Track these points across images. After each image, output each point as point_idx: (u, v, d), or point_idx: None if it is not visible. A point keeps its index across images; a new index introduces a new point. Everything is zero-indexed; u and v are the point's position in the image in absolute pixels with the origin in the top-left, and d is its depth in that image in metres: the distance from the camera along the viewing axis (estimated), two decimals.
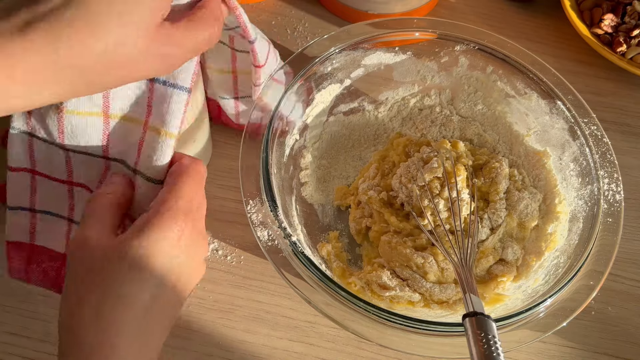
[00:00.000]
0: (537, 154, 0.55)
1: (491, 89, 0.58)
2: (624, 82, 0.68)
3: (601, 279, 0.45)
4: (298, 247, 0.44)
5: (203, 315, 0.50)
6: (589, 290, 0.45)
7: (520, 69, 0.55)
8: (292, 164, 0.54)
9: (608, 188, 0.50)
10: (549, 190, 0.53)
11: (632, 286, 0.55)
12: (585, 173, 0.51)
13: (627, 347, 0.51)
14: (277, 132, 0.50)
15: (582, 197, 0.50)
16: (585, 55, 0.70)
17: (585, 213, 0.49)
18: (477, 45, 0.56)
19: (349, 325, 0.42)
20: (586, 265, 0.45)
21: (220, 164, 0.58)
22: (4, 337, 0.48)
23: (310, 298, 0.43)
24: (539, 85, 0.54)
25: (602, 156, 0.51)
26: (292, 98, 0.52)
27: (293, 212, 0.52)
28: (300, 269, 0.43)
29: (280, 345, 0.50)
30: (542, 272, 0.48)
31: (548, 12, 0.74)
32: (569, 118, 0.53)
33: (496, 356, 0.36)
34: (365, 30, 0.55)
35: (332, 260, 0.50)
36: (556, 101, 0.53)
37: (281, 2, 0.71)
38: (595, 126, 0.53)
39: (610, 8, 0.69)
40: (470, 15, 0.73)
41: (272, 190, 0.46)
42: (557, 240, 0.50)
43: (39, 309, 0.49)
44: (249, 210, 0.46)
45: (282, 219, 0.45)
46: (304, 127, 0.55)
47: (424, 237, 0.50)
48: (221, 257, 0.53)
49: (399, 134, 0.59)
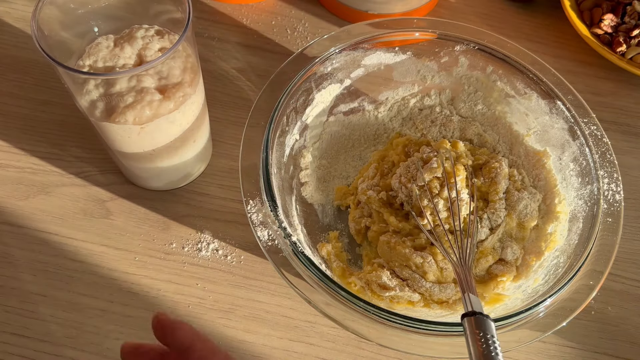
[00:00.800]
0: (537, 154, 0.55)
1: (491, 89, 0.58)
2: (624, 82, 0.68)
3: (601, 278, 0.45)
4: (298, 247, 0.44)
5: (203, 315, 0.50)
6: (588, 290, 0.45)
7: (520, 69, 0.55)
8: (292, 164, 0.54)
9: (608, 188, 0.50)
10: (548, 190, 0.53)
11: (631, 286, 0.55)
12: (585, 173, 0.51)
13: (627, 347, 0.51)
14: (277, 132, 0.50)
15: (582, 197, 0.50)
16: (585, 55, 0.70)
17: (585, 213, 0.49)
18: (477, 45, 0.56)
19: (349, 325, 0.42)
20: (586, 265, 0.45)
21: (220, 164, 0.58)
22: (4, 337, 0.48)
23: (310, 298, 0.43)
24: (539, 85, 0.54)
25: (601, 156, 0.51)
26: (292, 98, 0.52)
27: (293, 212, 0.52)
28: (300, 269, 0.43)
29: (280, 345, 0.50)
30: (542, 272, 0.48)
31: (548, 12, 0.74)
32: (569, 118, 0.53)
33: (494, 356, 0.36)
34: (365, 30, 0.55)
35: (332, 260, 0.50)
36: (556, 101, 0.53)
37: (281, 2, 0.71)
38: (595, 126, 0.53)
39: (610, 8, 0.69)
40: (470, 15, 0.73)
41: (272, 190, 0.46)
42: (557, 240, 0.50)
43: (39, 309, 0.49)
44: (249, 210, 0.46)
45: (282, 219, 0.45)
46: (304, 127, 0.55)
47: (423, 236, 0.50)
48: (221, 257, 0.53)
49: (399, 134, 0.59)
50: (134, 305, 0.50)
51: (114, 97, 0.43)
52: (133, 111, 0.43)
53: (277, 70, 0.52)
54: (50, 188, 0.55)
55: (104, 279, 0.51)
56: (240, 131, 0.50)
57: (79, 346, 0.48)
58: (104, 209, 0.54)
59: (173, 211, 0.55)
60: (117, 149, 0.49)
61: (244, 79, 0.64)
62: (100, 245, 0.53)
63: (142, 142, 0.47)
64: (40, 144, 0.58)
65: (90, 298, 0.50)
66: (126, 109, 0.43)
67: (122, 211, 0.54)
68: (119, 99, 0.44)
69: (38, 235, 0.53)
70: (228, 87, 0.63)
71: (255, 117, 0.50)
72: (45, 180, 0.55)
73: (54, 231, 0.53)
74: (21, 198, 0.54)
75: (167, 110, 0.45)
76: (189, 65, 0.46)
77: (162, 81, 0.45)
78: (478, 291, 0.48)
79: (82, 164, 0.57)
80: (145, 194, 0.55)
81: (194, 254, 0.53)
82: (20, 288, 0.50)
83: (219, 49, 0.66)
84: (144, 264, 0.52)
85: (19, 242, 0.52)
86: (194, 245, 0.53)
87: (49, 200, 0.54)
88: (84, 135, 0.58)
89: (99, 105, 0.44)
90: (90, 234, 0.53)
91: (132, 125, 0.44)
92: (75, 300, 0.50)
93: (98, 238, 0.53)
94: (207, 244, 0.53)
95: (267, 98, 0.51)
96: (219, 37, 0.67)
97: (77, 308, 0.50)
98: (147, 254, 0.52)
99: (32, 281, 0.50)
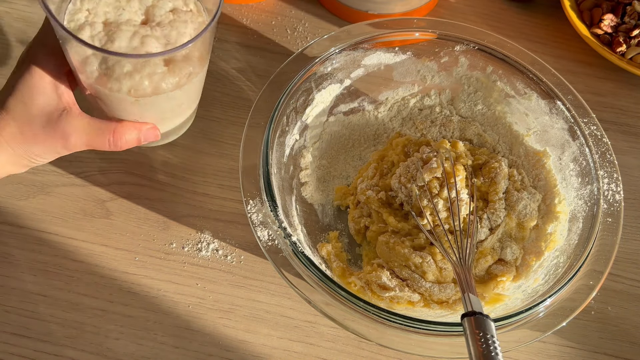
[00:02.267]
0: (537, 154, 0.55)
1: (491, 89, 0.58)
2: (624, 82, 0.68)
3: (601, 278, 0.45)
4: (298, 247, 0.44)
5: (203, 315, 0.50)
6: (588, 290, 0.45)
7: (520, 69, 0.55)
8: (292, 164, 0.54)
9: (608, 188, 0.50)
10: (548, 190, 0.53)
11: (631, 286, 0.55)
12: (585, 173, 0.51)
13: (627, 347, 0.51)
14: (277, 132, 0.50)
15: (581, 197, 0.50)
16: (585, 55, 0.70)
17: (585, 213, 0.49)
18: (477, 45, 0.56)
19: (349, 325, 0.42)
20: (586, 265, 0.45)
21: (220, 164, 0.58)
22: (4, 337, 0.48)
23: (310, 298, 0.43)
24: (539, 85, 0.54)
25: (601, 156, 0.51)
26: (292, 98, 0.52)
27: (293, 212, 0.52)
28: (300, 269, 0.43)
29: (280, 345, 0.50)
30: (542, 271, 0.48)
31: (548, 12, 0.74)
32: (569, 118, 0.53)
33: (494, 355, 0.36)
34: (365, 30, 0.55)
35: (332, 260, 0.50)
36: (556, 101, 0.53)
37: (281, 2, 0.71)
38: (595, 126, 0.53)
39: (610, 8, 0.69)
40: (470, 16, 0.73)
41: (272, 190, 0.46)
42: (557, 240, 0.50)
43: (38, 309, 0.49)
44: (249, 210, 0.46)
45: (282, 219, 0.45)
46: (304, 127, 0.55)
47: (422, 236, 0.50)
48: (221, 257, 0.53)
49: (399, 134, 0.59)
50: (134, 305, 0.50)
51: (111, 58, 0.38)
52: (130, 81, 0.38)
53: (277, 71, 0.52)
54: (50, 188, 0.55)
55: (104, 279, 0.51)
56: (240, 131, 0.50)
57: (79, 346, 0.48)
58: (104, 209, 0.54)
59: (173, 211, 0.55)
60: (98, 105, 0.44)
61: (244, 79, 0.64)
62: (100, 245, 0.53)
63: (132, 110, 0.42)
64: None
65: (90, 298, 0.50)
66: (123, 77, 0.38)
67: (122, 211, 0.54)
68: (116, 62, 0.38)
69: (38, 235, 0.53)
70: (228, 87, 0.63)
71: (255, 117, 0.50)
72: (45, 180, 0.55)
73: (54, 231, 0.53)
74: (21, 198, 0.54)
75: (169, 87, 0.40)
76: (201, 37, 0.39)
77: (167, 47, 0.39)
78: (478, 291, 0.48)
79: (82, 163, 0.57)
80: (145, 193, 0.55)
81: (194, 254, 0.53)
82: (20, 288, 0.50)
83: (219, 49, 0.66)
84: (143, 264, 0.52)
85: (19, 242, 0.52)
86: (194, 245, 0.53)
87: (49, 200, 0.54)
88: None
89: (92, 62, 0.39)
90: (90, 234, 0.53)
91: (126, 95, 0.39)
92: (75, 300, 0.50)
93: (98, 238, 0.53)
94: (207, 244, 0.53)
95: (267, 98, 0.51)
96: (219, 37, 0.67)
97: (77, 308, 0.50)
98: (147, 254, 0.53)
99: (32, 281, 0.50)
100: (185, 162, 0.58)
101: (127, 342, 0.48)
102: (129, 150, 0.58)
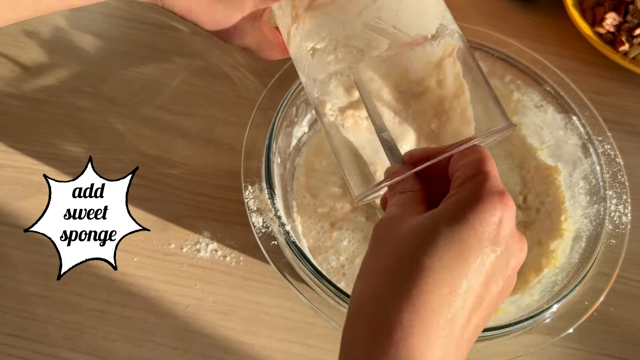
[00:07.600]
0: (548, 169, 0.54)
1: (508, 99, 0.57)
2: (627, 81, 0.68)
3: (601, 295, 0.45)
4: (291, 236, 0.44)
5: (202, 317, 0.50)
6: (583, 311, 0.44)
7: (539, 81, 0.54)
8: (298, 155, 0.54)
9: (615, 209, 0.49)
10: (556, 206, 0.52)
11: (635, 287, 0.54)
12: (594, 192, 0.50)
13: (630, 349, 0.51)
14: (285, 121, 0.50)
15: (587, 216, 0.49)
16: (587, 54, 0.69)
17: (589, 232, 0.48)
18: (496, 53, 0.55)
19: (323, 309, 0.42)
20: (582, 285, 0.45)
21: (220, 164, 0.58)
22: (2, 338, 0.48)
23: (298, 288, 0.43)
24: (556, 99, 0.54)
25: (612, 176, 0.50)
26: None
27: (293, 203, 0.52)
28: (292, 260, 0.43)
29: (280, 346, 0.49)
30: (539, 287, 0.48)
31: (550, 11, 0.73)
32: (583, 135, 0.52)
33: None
34: None
35: None
36: (572, 116, 0.53)
37: None
38: (609, 145, 0.52)
39: (612, 7, 0.69)
40: (472, 14, 0.72)
41: (272, 178, 0.46)
42: (558, 257, 0.49)
43: (36, 310, 0.49)
44: (247, 195, 0.46)
45: (279, 207, 0.45)
46: (314, 120, 0.55)
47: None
48: (220, 258, 0.53)
49: None
50: (133, 306, 0.50)
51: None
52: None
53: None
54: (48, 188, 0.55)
55: (102, 280, 0.51)
56: (241, 131, 0.49)
57: (76, 347, 0.48)
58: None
59: (172, 211, 0.54)
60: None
61: (244, 79, 0.64)
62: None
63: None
64: (38, 143, 0.57)
65: (88, 299, 0.50)
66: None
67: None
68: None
69: (35, 236, 0.52)
70: (228, 86, 0.63)
71: (266, 103, 0.50)
72: (42, 181, 0.55)
73: None
74: (19, 198, 0.54)
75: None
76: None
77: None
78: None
79: (80, 164, 0.56)
80: (143, 194, 0.55)
81: (192, 254, 0.53)
82: (18, 289, 0.50)
83: (219, 49, 0.65)
84: (142, 265, 0.52)
85: (16, 243, 0.52)
86: (193, 245, 0.53)
87: (47, 200, 0.54)
88: (81, 135, 0.58)
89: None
90: None
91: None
92: (73, 302, 0.49)
93: None
94: (206, 244, 0.53)
95: (282, 84, 0.51)
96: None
97: (75, 309, 0.49)
98: (145, 255, 0.52)
99: (29, 282, 0.50)
100: (184, 162, 0.57)
101: (126, 344, 0.48)
102: (127, 150, 0.57)
